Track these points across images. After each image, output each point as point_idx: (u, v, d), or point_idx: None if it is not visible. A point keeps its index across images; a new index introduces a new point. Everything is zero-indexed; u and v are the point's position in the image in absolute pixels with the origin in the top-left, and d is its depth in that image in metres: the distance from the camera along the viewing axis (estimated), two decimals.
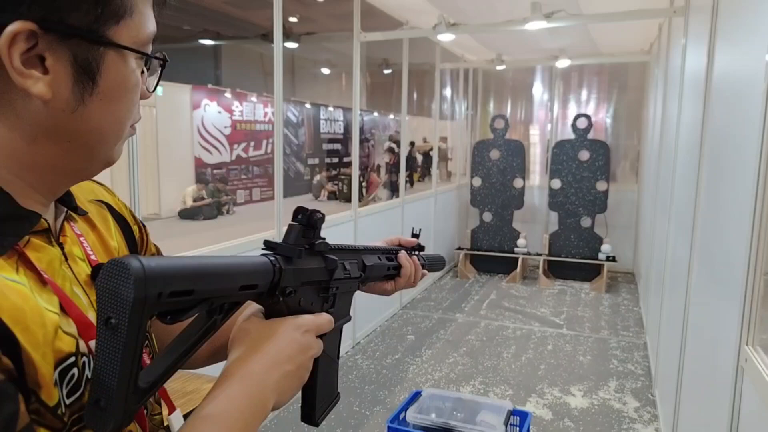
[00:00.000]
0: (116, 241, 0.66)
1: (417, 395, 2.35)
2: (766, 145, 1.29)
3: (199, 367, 0.81)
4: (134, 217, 0.72)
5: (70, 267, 0.55)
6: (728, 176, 1.72)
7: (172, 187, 10.17)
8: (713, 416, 1.68)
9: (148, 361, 0.63)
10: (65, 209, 0.58)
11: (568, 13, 3.77)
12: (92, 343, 0.50)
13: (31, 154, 0.50)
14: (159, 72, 0.58)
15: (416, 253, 0.99)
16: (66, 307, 0.50)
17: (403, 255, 0.91)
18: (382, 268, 0.86)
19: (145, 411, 0.61)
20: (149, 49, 0.54)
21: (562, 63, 6.18)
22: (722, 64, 1.99)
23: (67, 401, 0.48)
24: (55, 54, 0.47)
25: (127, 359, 0.44)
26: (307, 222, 0.64)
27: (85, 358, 0.50)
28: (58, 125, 0.49)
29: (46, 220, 0.53)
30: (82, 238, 0.60)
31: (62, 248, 0.55)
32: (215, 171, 11.57)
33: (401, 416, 2.22)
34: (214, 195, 10.89)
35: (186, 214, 10.20)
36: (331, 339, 0.72)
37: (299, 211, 0.65)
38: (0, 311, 0.42)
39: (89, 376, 0.51)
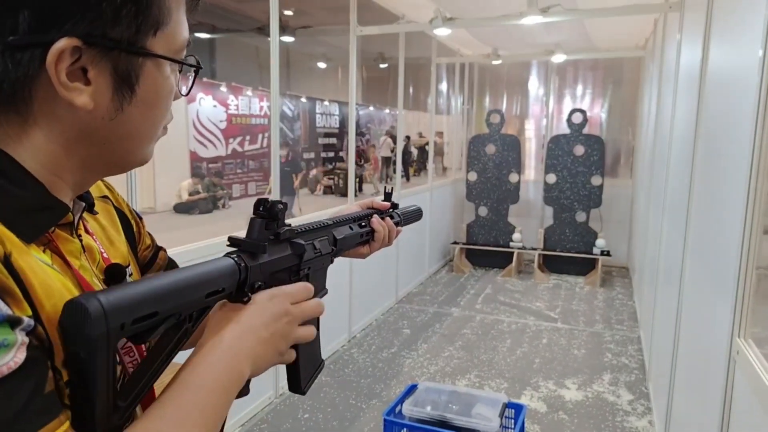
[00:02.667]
0: (120, 239, 0.69)
1: (413, 388, 2.37)
2: (759, 140, 1.30)
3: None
4: (132, 211, 0.74)
5: (87, 259, 0.58)
6: (722, 170, 1.74)
7: (167, 181, 10.14)
8: (706, 408, 1.70)
9: (130, 369, 0.64)
10: (83, 204, 0.60)
11: (564, 8, 3.77)
12: None
13: (68, 156, 0.52)
14: (193, 77, 0.61)
15: (391, 212, 1.00)
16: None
17: (375, 219, 0.94)
18: (354, 236, 0.88)
19: None
20: (183, 54, 0.57)
21: (558, 58, 6.19)
22: (716, 59, 2.00)
23: None
24: (98, 66, 0.49)
25: (102, 387, 0.46)
26: (268, 214, 0.65)
27: None
28: (98, 131, 0.52)
29: (72, 214, 0.56)
30: (94, 237, 0.62)
31: (80, 241, 0.58)
32: (211, 165, 11.54)
33: (397, 409, 2.24)
34: (210, 189, 10.87)
35: (181, 208, 10.18)
36: None
37: (260, 203, 0.65)
38: (32, 288, 0.45)
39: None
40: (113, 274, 0.59)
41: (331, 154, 16.51)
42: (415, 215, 1.11)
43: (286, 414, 3.12)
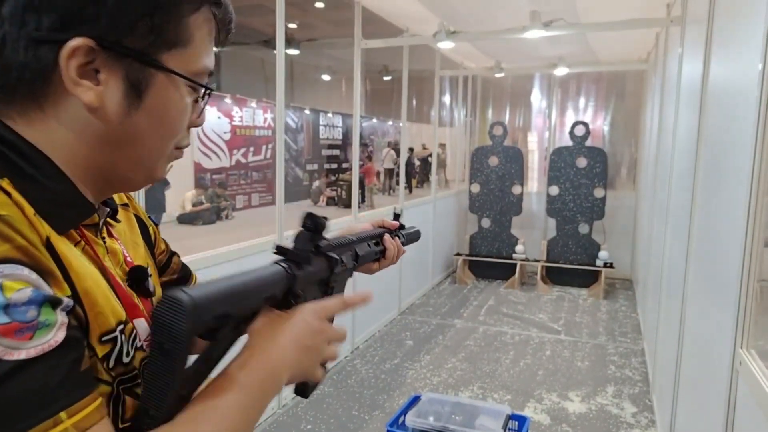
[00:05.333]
0: (140, 243, 0.73)
1: (416, 399, 2.36)
2: (760, 152, 1.32)
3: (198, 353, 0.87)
4: (148, 217, 0.79)
5: (111, 260, 0.62)
6: (723, 183, 1.75)
7: (171, 192, 10.18)
8: (709, 419, 1.70)
9: None
10: (107, 210, 0.64)
11: (567, 22, 3.81)
12: (136, 321, 0.59)
13: (86, 158, 0.55)
14: (204, 102, 0.64)
15: (399, 231, 1.06)
16: (115, 287, 0.58)
17: (387, 238, 0.99)
18: (371, 254, 0.94)
19: None
20: (203, 81, 0.60)
21: (561, 71, 6.23)
22: (717, 72, 2.03)
23: (125, 360, 0.56)
24: (110, 70, 0.53)
25: (176, 377, 0.51)
26: (314, 228, 0.70)
27: (136, 330, 0.58)
28: (108, 133, 0.55)
29: (98, 215, 0.60)
30: (119, 241, 0.66)
31: (104, 243, 0.62)
32: (214, 176, 11.59)
33: (400, 420, 2.24)
34: (213, 200, 10.91)
35: (185, 219, 10.22)
36: None
37: (308, 217, 0.70)
38: (72, 269, 0.50)
39: (138, 346, 0.58)
40: (136, 276, 0.64)
41: (335, 166, 16.56)
42: (415, 236, 1.15)
43: (289, 425, 3.12)
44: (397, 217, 1.07)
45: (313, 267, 0.70)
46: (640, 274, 5.32)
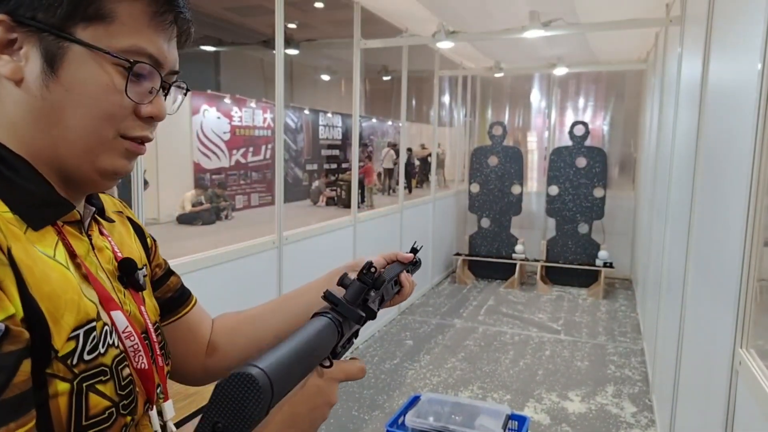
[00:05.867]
0: (136, 246, 0.74)
1: (416, 399, 2.36)
2: (759, 152, 1.32)
3: (195, 383, 0.87)
4: (141, 227, 0.79)
5: (96, 256, 0.63)
6: (722, 183, 1.76)
7: (170, 192, 10.18)
8: (709, 419, 1.70)
9: (161, 363, 0.68)
10: (93, 209, 0.65)
11: (566, 21, 3.81)
12: (113, 314, 0.59)
13: (33, 141, 0.57)
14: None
15: (411, 267, 0.98)
16: (92, 282, 0.59)
17: (404, 277, 0.92)
18: (391, 295, 0.86)
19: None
20: (146, 65, 0.58)
21: (560, 71, 6.23)
22: (717, 72, 2.03)
23: (86, 357, 0.54)
24: (29, 44, 0.55)
25: None
26: (373, 284, 0.64)
27: (107, 327, 0.58)
28: (37, 109, 0.56)
29: (79, 212, 0.60)
30: (109, 238, 0.68)
31: (90, 239, 0.63)
32: (214, 176, 11.59)
33: (400, 420, 2.24)
34: (213, 200, 10.90)
35: (184, 219, 10.21)
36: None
37: (368, 267, 0.64)
38: (31, 279, 0.50)
39: (110, 343, 0.58)
40: (125, 267, 0.65)
41: (334, 166, 16.56)
42: (418, 267, 1.08)
43: None
44: (415, 251, 0.99)
45: (355, 326, 0.64)
46: (640, 273, 5.33)
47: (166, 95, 0.63)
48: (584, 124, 6.20)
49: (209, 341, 0.85)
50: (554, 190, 6.25)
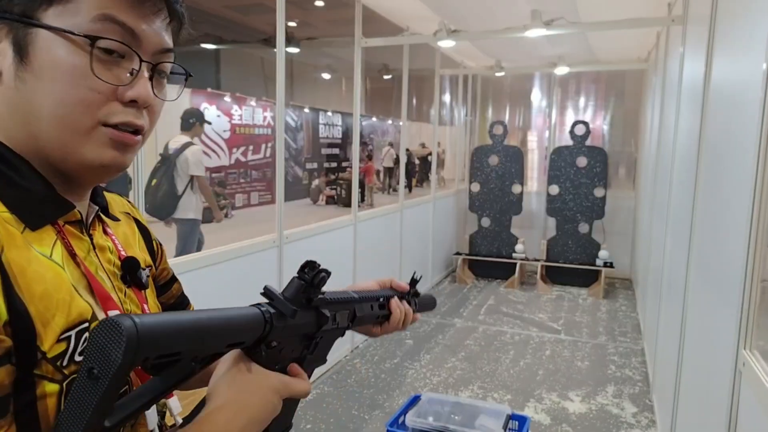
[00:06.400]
0: (140, 247, 0.73)
1: (416, 399, 2.36)
2: (763, 152, 1.31)
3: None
4: (149, 230, 0.79)
5: (97, 256, 0.62)
6: (726, 183, 1.75)
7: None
8: (711, 420, 1.69)
9: None
10: (96, 208, 0.64)
11: (568, 21, 3.80)
12: (111, 313, 0.58)
13: (20, 135, 0.55)
14: (91, 52, 0.56)
15: (409, 297, 0.97)
16: (91, 282, 0.58)
17: (394, 303, 0.90)
18: (371, 317, 0.85)
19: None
20: (101, 33, 0.54)
21: (561, 70, 6.22)
22: (720, 72, 2.02)
23: (77, 359, 0.53)
24: (1, 36, 0.54)
25: (100, 408, 0.45)
26: (311, 281, 0.64)
27: None
28: (16, 103, 0.55)
29: (80, 212, 0.59)
30: (113, 236, 0.67)
31: (91, 239, 0.62)
32: (214, 174, 11.57)
33: (400, 420, 2.24)
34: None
35: None
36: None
37: (306, 266, 0.64)
38: (22, 280, 0.49)
39: None
40: (128, 266, 0.64)
41: (334, 165, 16.55)
42: (429, 305, 1.07)
43: None
44: (414, 283, 0.98)
45: (298, 320, 0.64)
46: (640, 273, 5.32)
47: (152, 77, 0.58)
48: (585, 123, 6.19)
49: None
50: (555, 189, 6.24)
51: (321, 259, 0.82)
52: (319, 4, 9.56)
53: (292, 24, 10.15)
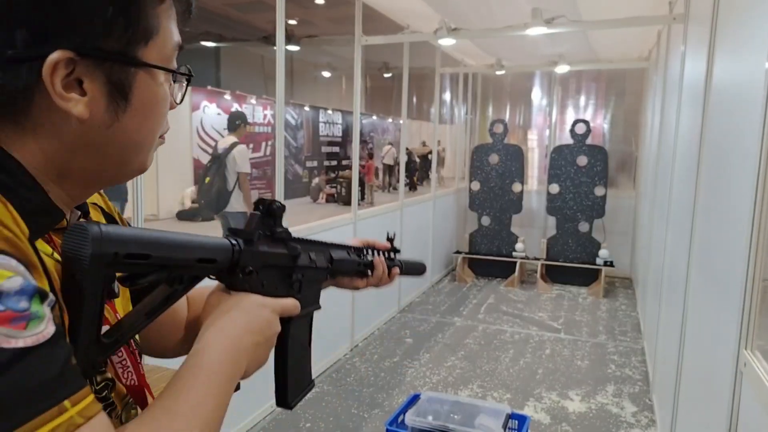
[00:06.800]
0: None
1: (415, 398, 2.35)
2: (766, 152, 1.30)
3: (174, 356, 0.83)
4: (122, 218, 0.76)
5: None
6: (727, 182, 1.74)
7: (170, 189, 10.16)
8: (711, 420, 1.69)
9: (142, 371, 0.66)
10: (79, 213, 0.63)
11: (569, 19, 3.79)
12: None
13: (69, 165, 0.54)
14: (185, 85, 0.62)
15: (391, 255, 1.02)
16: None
17: (377, 258, 0.96)
18: (351, 263, 0.89)
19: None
20: (174, 61, 0.58)
21: (561, 69, 6.21)
22: (722, 71, 2.01)
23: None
24: (92, 77, 0.51)
25: (88, 311, 0.49)
26: (266, 211, 0.68)
27: None
28: (96, 140, 0.54)
29: (67, 220, 0.58)
30: None
31: None
32: None
33: (400, 419, 2.23)
34: None
35: (184, 216, 10.19)
36: (301, 326, 0.75)
37: (259, 202, 0.68)
38: (48, 268, 0.49)
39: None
40: None
41: (334, 163, 16.54)
42: (417, 268, 1.12)
43: (288, 423, 3.10)
44: (391, 241, 1.04)
45: (267, 248, 0.68)
46: (640, 272, 5.31)
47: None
48: (585, 122, 6.18)
49: (186, 320, 0.84)
50: (555, 188, 6.23)
51: None
52: (320, 2, 9.55)
53: (292, 22, 10.14)
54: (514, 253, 6.35)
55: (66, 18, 0.48)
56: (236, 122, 4.78)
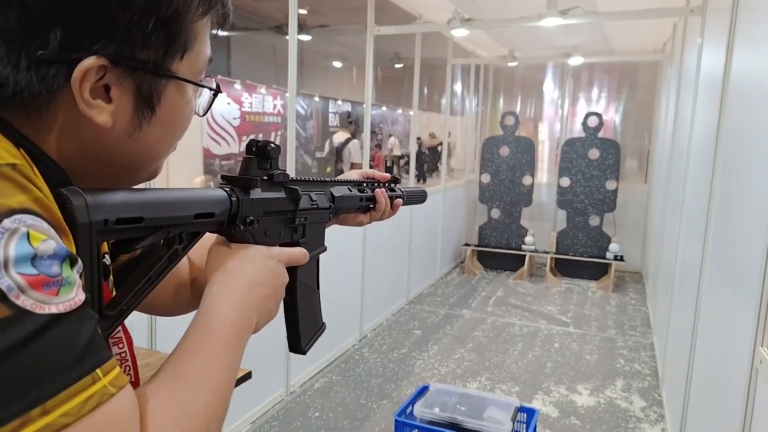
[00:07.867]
0: None
1: (424, 390, 2.35)
2: None
3: (179, 314, 0.82)
4: None
5: None
6: (744, 177, 1.71)
7: (180, 178, 10.16)
8: (725, 417, 1.67)
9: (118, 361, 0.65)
10: None
11: (584, 10, 3.75)
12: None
13: (81, 168, 0.53)
14: (211, 99, 0.63)
15: (392, 185, 0.99)
16: None
17: (379, 191, 0.93)
18: (353, 199, 0.86)
19: None
20: (203, 75, 0.59)
21: (575, 60, 6.15)
22: (741, 64, 1.98)
23: None
24: (121, 85, 0.50)
25: (86, 284, 0.47)
26: (262, 153, 0.64)
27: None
28: (114, 147, 0.53)
29: None
30: None
31: None
32: (223, 162, 11.57)
33: (408, 410, 2.23)
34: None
35: None
36: (308, 269, 0.73)
37: (252, 144, 0.65)
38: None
39: None
40: None
41: None
42: (419, 196, 1.08)
43: (297, 412, 3.12)
44: (389, 170, 1.02)
45: (268, 195, 0.65)
46: (651, 267, 5.28)
47: None
48: (598, 115, 6.12)
49: (190, 277, 0.81)
50: (566, 181, 6.19)
51: (330, 245, 0.81)
52: None
53: (303, 11, 10.09)
54: (523, 246, 6.33)
55: (106, 25, 0.47)
56: (349, 120, 5.28)
